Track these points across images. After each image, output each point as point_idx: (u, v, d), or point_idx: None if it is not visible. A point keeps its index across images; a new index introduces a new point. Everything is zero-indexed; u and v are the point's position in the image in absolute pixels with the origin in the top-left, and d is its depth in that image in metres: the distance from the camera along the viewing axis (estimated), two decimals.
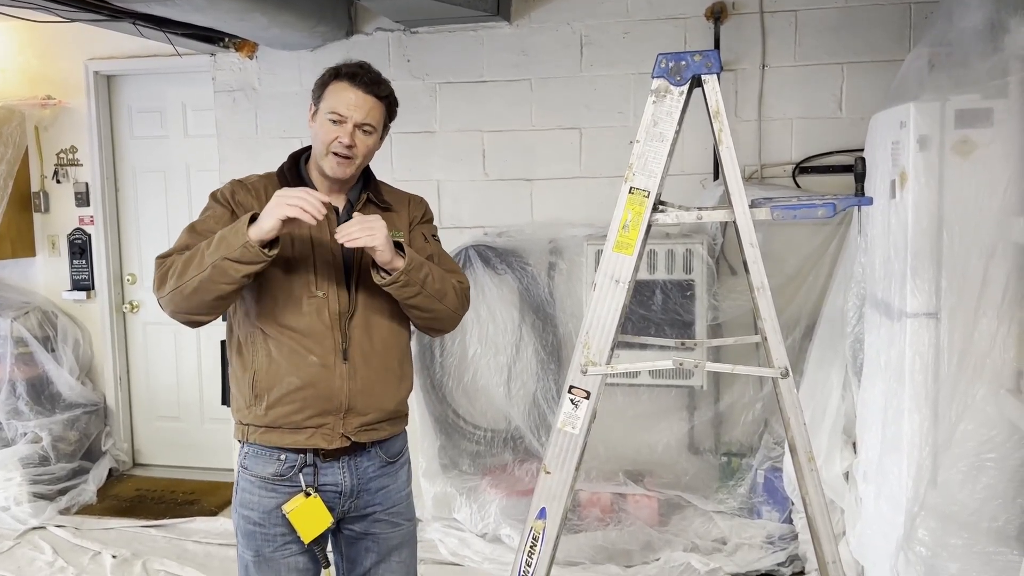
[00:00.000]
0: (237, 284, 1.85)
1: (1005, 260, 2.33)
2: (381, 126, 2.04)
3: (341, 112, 1.95)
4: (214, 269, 1.83)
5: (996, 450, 2.37)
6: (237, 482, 2.08)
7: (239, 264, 1.82)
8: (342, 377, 1.98)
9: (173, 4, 3.08)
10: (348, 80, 1.97)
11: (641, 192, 2.00)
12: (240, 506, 2.06)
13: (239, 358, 2.03)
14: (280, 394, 1.97)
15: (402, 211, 2.14)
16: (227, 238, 1.84)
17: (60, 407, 4.61)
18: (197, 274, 1.85)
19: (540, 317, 3.96)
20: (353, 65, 2.00)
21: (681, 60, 1.96)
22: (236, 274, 1.83)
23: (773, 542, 3.51)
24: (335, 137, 1.96)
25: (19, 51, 4.78)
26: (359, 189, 2.10)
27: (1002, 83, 2.37)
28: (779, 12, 3.69)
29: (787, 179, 3.76)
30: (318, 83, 2.02)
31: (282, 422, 1.98)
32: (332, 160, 1.97)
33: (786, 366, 1.98)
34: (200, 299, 1.87)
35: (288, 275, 1.97)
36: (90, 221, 4.82)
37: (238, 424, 2.05)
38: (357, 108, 1.96)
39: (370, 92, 1.98)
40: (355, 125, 1.96)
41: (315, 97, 2.03)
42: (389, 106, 2.04)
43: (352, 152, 1.97)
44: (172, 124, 4.81)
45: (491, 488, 3.87)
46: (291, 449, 2.00)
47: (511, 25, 3.96)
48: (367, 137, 1.99)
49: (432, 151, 4.13)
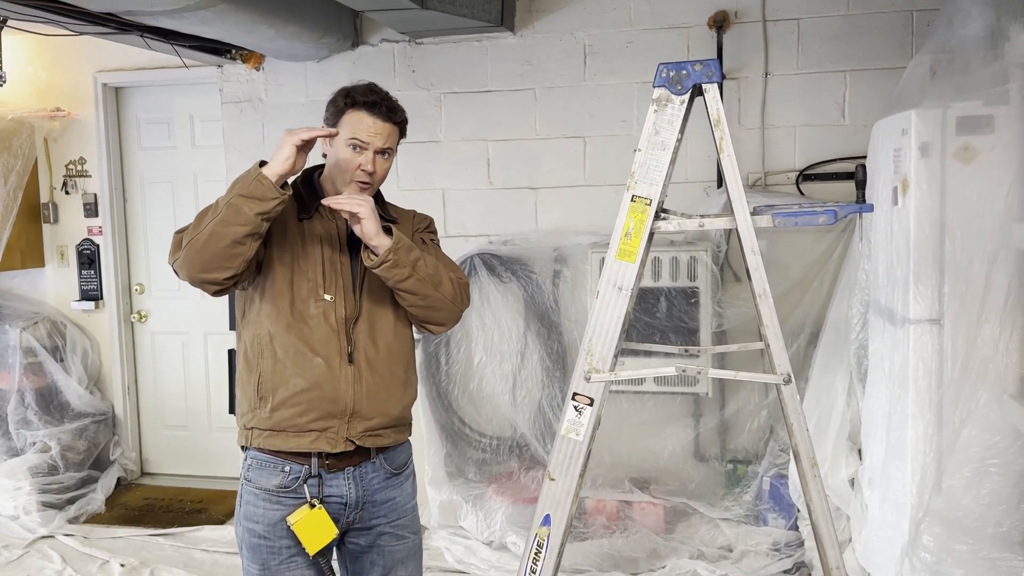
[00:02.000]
0: (251, 226, 1.84)
1: (1007, 266, 2.34)
2: (396, 147, 2.09)
3: (363, 139, 1.99)
4: (228, 208, 1.83)
5: (1000, 455, 2.37)
6: (241, 495, 2.07)
7: (253, 200, 1.83)
8: (347, 380, 2.00)
9: (180, 17, 3.11)
10: (367, 109, 2.00)
11: (643, 200, 2.02)
12: (244, 519, 2.04)
13: (245, 361, 2.04)
14: (285, 396, 1.98)
15: (406, 224, 2.17)
16: (241, 178, 1.87)
17: (69, 416, 4.63)
18: (212, 219, 1.85)
19: (545, 325, 3.97)
20: (367, 92, 2.02)
21: (682, 69, 1.98)
22: (250, 211, 1.83)
23: (779, 549, 3.51)
24: (358, 165, 1.99)
25: (28, 63, 4.83)
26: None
27: (1003, 90, 2.38)
28: (781, 21, 3.71)
29: (791, 186, 3.77)
30: (333, 109, 2.04)
31: (286, 425, 1.98)
32: (355, 187, 2.01)
33: (788, 372, 1.99)
34: (216, 247, 1.85)
35: (297, 278, 2.00)
36: (99, 232, 4.86)
37: (242, 429, 2.05)
38: (378, 135, 2.00)
39: (388, 120, 2.02)
40: (376, 152, 2.01)
41: (329, 121, 2.05)
42: (403, 129, 2.10)
43: (373, 178, 2.02)
44: (180, 135, 4.85)
45: (497, 496, 3.88)
46: (295, 458, 2.00)
47: (515, 35, 3.99)
48: (385, 161, 2.05)
49: (437, 160, 4.16)
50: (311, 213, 2.04)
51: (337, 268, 2.03)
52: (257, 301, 2.02)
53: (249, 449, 2.05)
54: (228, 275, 1.90)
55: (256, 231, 1.86)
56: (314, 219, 2.04)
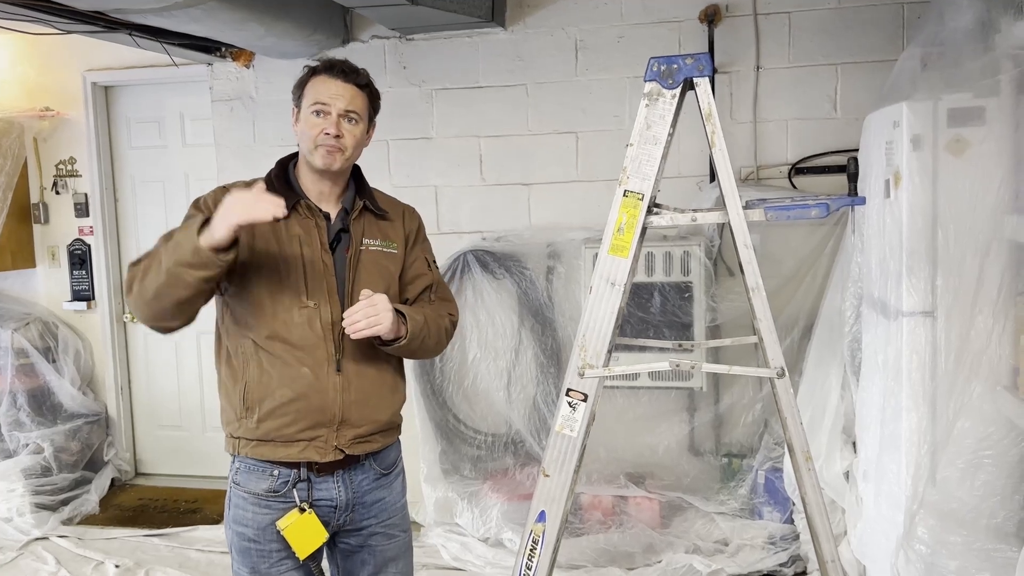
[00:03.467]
0: (195, 289, 1.80)
1: (999, 258, 2.34)
2: (366, 116, 2.02)
3: (323, 101, 1.94)
4: (169, 275, 1.78)
5: (994, 447, 2.37)
6: (229, 498, 2.04)
7: (192, 270, 1.77)
8: (335, 389, 1.95)
9: (169, 15, 3.09)
10: (326, 72, 1.97)
11: (635, 195, 2.01)
12: (233, 522, 2.02)
13: (228, 369, 2.00)
14: (272, 406, 1.94)
15: (397, 221, 2.12)
16: (181, 243, 1.78)
17: (62, 417, 4.62)
18: (155, 280, 1.81)
19: (539, 321, 3.97)
20: (328, 59, 2.01)
21: (673, 63, 1.97)
22: (191, 279, 1.78)
23: (775, 543, 3.51)
24: (321, 129, 1.94)
25: (17, 63, 4.80)
26: (352, 196, 2.06)
27: (993, 82, 2.37)
28: (772, 14, 3.71)
29: (783, 180, 3.77)
30: (297, 84, 2.02)
31: (274, 435, 1.95)
32: (321, 152, 1.95)
33: (782, 366, 1.99)
34: (161, 305, 1.83)
35: (278, 285, 1.94)
36: (90, 231, 4.84)
37: (228, 437, 2.01)
38: (339, 96, 1.95)
39: (349, 81, 1.97)
40: (339, 115, 1.95)
41: (295, 98, 2.02)
42: (371, 96, 2.03)
43: (340, 143, 1.95)
44: (170, 134, 4.83)
45: (492, 492, 3.88)
46: (284, 464, 1.97)
47: (506, 31, 3.98)
48: (354, 127, 1.98)
49: (429, 157, 4.15)
50: (287, 212, 1.86)
51: (319, 270, 1.96)
52: (236, 309, 1.97)
53: (238, 457, 2.02)
54: (180, 324, 1.89)
55: (201, 288, 1.81)
56: (291, 218, 1.93)
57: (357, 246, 2.02)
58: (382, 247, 2.05)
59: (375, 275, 2.02)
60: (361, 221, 2.04)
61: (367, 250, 2.03)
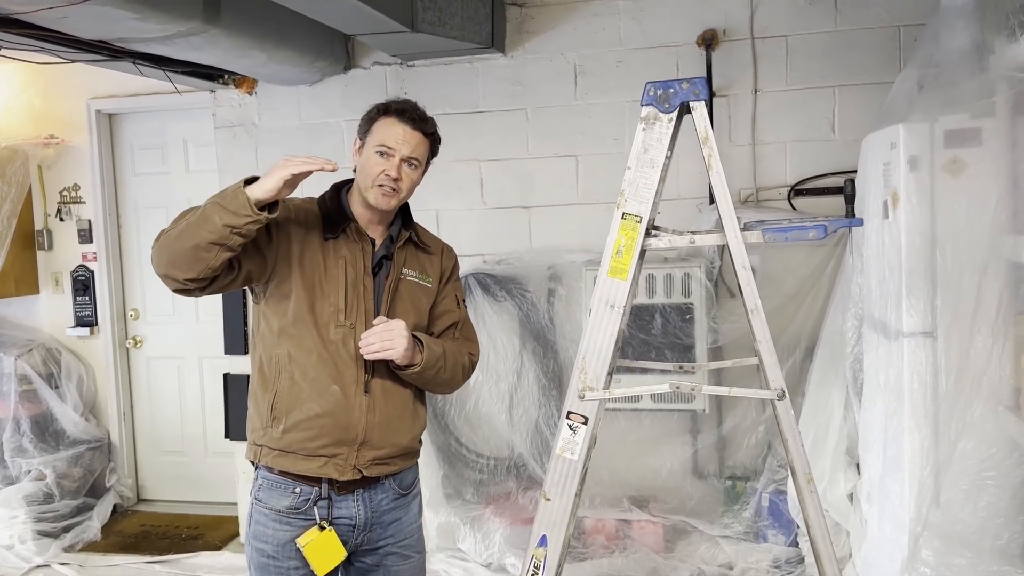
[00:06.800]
0: (218, 236, 1.80)
1: (998, 277, 2.35)
2: (425, 162, 2.09)
3: (389, 145, 2.00)
4: (202, 212, 1.82)
5: (996, 468, 2.37)
6: (250, 514, 2.07)
7: (226, 212, 1.79)
8: (361, 409, 2.00)
9: (172, 43, 3.13)
10: (397, 116, 2.02)
11: (633, 218, 2.02)
12: (253, 538, 2.05)
13: (260, 377, 2.04)
14: (298, 419, 1.98)
15: (436, 257, 2.19)
16: (225, 189, 1.85)
17: (64, 444, 4.61)
18: (186, 223, 1.84)
19: (541, 343, 3.97)
20: (401, 102, 2.06)
21: (669, 88, 1.99)
22: (219, 221, 1.78)
23: (780, 566, 3.49)
24: (382, 170, 1.99)
25: (22, 91, 4.84)
26: (399, 226, 2.13)
27: (989, 102, 2.39)
28: (770, 38, 3.74)
29: (783, 202, 3.78)
30: (365, 118, 2.07)
31: (296, 447, 1.98)
32: (377, 192, 2.00)
33: (782, 388, 1.98)
34: (182, 246, 1.82)
35: (319, 301, 1.99)
36: (93, 258, 4.86)
37: (251, 444, 2.05)
38: (405, 142, 2.01)
39: (417, 128, 2.03)
40: (402, 159, 2.01)
41: (361, 131, 2.07)
42: (433, 143, 2.10)
43: (398, 185, 2.01)
44: (174, 160, 4.86)
45: (495, 517, 3.85)
46: (304, 480, 2.00)
47: (506, 56, 4.02)
48: (412, 171, 2.04)
49: (430, 180, 4.07)
50: (337, 233, 2.01)
51: (360, 292, 2.02)
52: (275, 319, 2.01)
53: (259, 468, 2.06)
54: (189, 276, 1.86)
55: (223, 242, 1.81)
56: (340, 239, 2.02)
57: (397, 274, 2.08)
58: (419, 279, 2.12)
59: (408, 304, 2.08)
60: (404, 251, 2.11)
61: (405, 279, 2.10)
